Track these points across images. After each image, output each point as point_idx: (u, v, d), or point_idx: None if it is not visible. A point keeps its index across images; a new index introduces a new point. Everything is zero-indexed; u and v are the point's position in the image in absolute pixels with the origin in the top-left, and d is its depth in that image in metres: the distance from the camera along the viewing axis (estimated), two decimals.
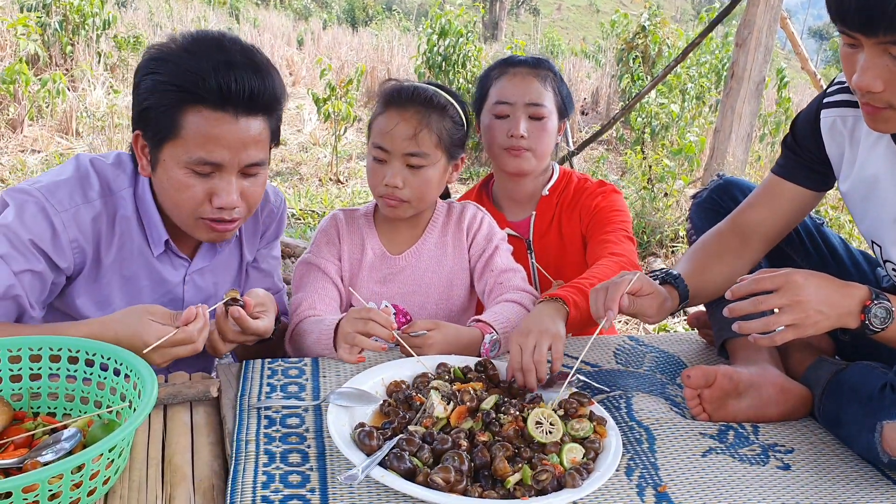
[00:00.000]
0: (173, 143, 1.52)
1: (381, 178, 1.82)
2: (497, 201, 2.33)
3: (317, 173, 7.58)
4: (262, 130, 1.57)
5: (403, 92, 1.82)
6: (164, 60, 1.52)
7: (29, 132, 7.34)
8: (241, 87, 1.49)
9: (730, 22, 10.17)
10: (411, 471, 1.19)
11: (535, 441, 1.29)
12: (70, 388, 1.36)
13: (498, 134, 2.15)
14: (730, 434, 1.49)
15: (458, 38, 8.95)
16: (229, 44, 1.55)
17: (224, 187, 1.56)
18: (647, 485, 1.30)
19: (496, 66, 2.24)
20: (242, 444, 1.32)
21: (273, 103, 1.58)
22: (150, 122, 1.54)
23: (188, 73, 1.49)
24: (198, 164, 1.53)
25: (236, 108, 1.51)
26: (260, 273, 1.96)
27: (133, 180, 1.67)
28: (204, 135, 1.50)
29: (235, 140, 1.53)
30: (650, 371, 1.75)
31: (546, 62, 2.21)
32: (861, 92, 1.29)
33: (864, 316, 1.35)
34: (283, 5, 24.83)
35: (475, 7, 12.99)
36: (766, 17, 5.38)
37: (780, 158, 1.70)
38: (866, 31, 1.21)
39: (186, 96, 1.49)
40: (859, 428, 1.39)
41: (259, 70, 1.54)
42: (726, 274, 1.67)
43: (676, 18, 30.07)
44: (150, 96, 1.52)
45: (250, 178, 1.61)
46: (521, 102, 2.12)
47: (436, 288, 1.96)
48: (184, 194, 1.56)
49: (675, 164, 6.50)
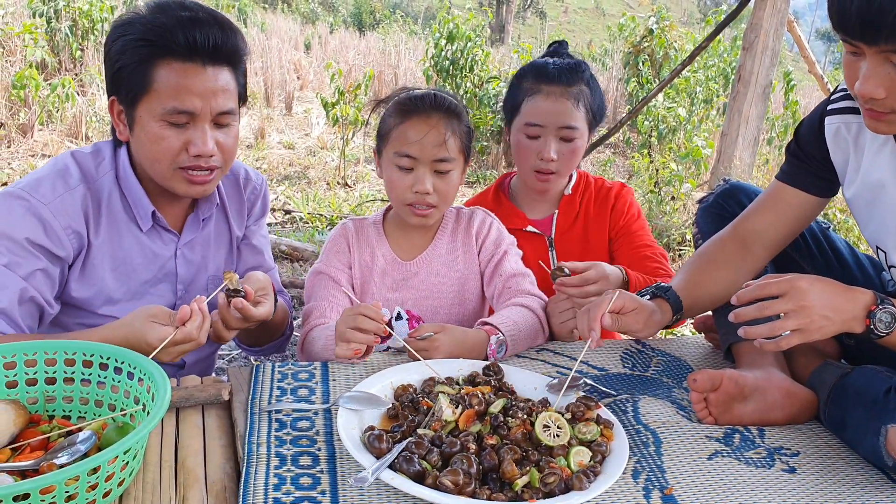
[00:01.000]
0: (147, 98, 1.60)
1: (407, 186, 1.84)
2: (516, 200, 2.35)
3: (325, 177, 7.62)
4: (228, 80, 1.66)
5: (426, 100, 1.85)
6: (132, 23, 1.61)
7: (39, 137, 7.40)
8: (205, 38, 1.59)
9: (738, 25, 10.17)
10: (420, 473, 1.21)
11: (543, 444, 1.31)
12: (85, 391, 1.39)
13: (528, 154, 2.16)
14: (736, 437, 1.50)
15: (467, 43, 8.98)
16: (191, 4, 1.65)
17: (199, 136, 1.63)
18: (654, 487, 1.31)
19: (529, 75, 2.18)
20: (254, 446, 1.34)
21: (236, 54, 1.67)
22: (124, 81, 1.62)
23: (156, 28, 1.58)
24: (172, 113, 1.60)
25: (203, 59, 1.60)
26: (251, 249, 2.01)
27: (113, 163, 1.75)
28: (175, 85, 1.59)
29: (205, 89, 1.61)
30: (656, 374, 1.76)
31: (581, 71, 2.16)
32: (863, 99, 1.30)
33: (870, 321, 1.36)
34: (290, 9, 24.89)
35: (483, 11, 13.00)
36: (773, 20, 5.38)
37: (784, 165, 1.71)
38: (868, 39, 1.23)
39: (156, 50, 1.58)
40: (864, 431, 1.40)
41: (221, 24, 1.64)
42: (726, 282, 1.69)
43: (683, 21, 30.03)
44: (121, 56, 1.61)
45: (223, 130, 1.69)
46: (552, 125, 2.11)
47: (448, 293, 1.98)
48: (161, 145, 1.63)
49: (682, 168, 6.51)
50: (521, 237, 2.18)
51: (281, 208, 6.33)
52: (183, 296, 1.86)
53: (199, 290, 1.86)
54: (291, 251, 4.96)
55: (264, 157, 8.15)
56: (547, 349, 1.85)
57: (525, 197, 2.33)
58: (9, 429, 1.22)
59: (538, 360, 1.78)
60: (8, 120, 7.31)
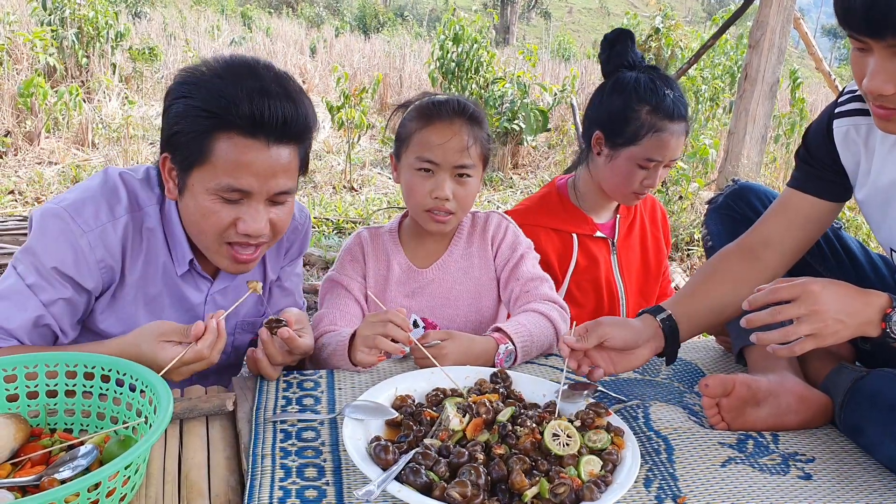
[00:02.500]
0: (201, 169, 1.50)
1: (427, 192, 1.82)
2: (581, 203, 2.33)
3: (331, 181, 7.61)
4: (292, 159, 1.55)
5: (450, 105, 1.84)
6: (196, 85, 1.50)
7: (46, 144, 7.42)
8: (273, 114, 1.47)
9: (743, 23, 10.12)
10: (428, 485, 1.18)
11: (553, 453, 1.28)
12: (86, 404, 1.37)
13: (635, 179, 2.16)
14: (749, 443, 1.47)
15: (472, 45, 8.97)
16: (263, 70, 1.53)
17: (252, 214, 1.54)
18: (667, 496, 1.28)
19: (649, 104, 2.12)
20: (258, 458, 1.32)
21: (304, 132, 1.56)
22: (180, 146, 1.51)
23: (221, 98, 1.46)
24: (226, 190, 1.50)
25: (268, 136, 1.49)
26: (282, 291, 1.94)
27: (161, 197, 1.66)
28: (234, 162, 1.48)
29: (265, 168, 1.50)
30: (668, 380, 1.73)
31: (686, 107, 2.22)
32: (872, 96, 1.28)
33: (885, 324, 1.33)
34: (295, 14, 24.94)
35: (488, 13, 12.99)
36: (779, 17, 5.34)
37: (794, 171, 1.67)
38: (874, 34, 1.20)
39: (218, 122, 1.47)
40: (881, 436, 1.37)
41: (292, 98, 1.51)
42: (729, 297, 1.61)
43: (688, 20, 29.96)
44: (180, 121, 1.50)
45: (278, 207, 1.59)
46: (667, 159, 2.17)
47: (464, 300, 1.96)
48: (209, 220, 1.54)
49: (689, 167, 6.47)
50: (588, 241, 2.26)
51: None
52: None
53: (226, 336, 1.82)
54: None
55: None
56: (556, 354, 1.82)
57: (591, 201, 2.32)
58: (9, 444, 1.20)
59: (546, 366, 1.76)
60: (14, 128, 7.33)
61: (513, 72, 9.19)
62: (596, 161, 2.24)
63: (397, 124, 1.93)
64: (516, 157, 8.89)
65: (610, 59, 2.22)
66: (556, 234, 2.23)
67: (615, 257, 2.32)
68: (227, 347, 1.79)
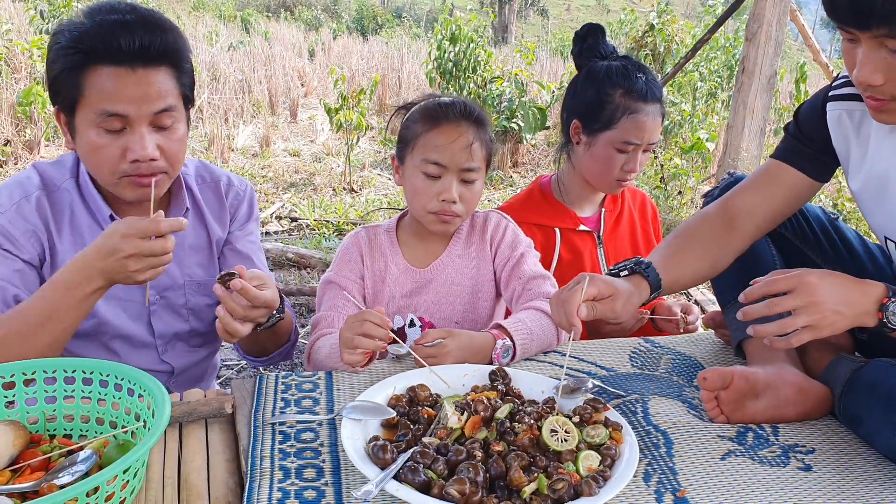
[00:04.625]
0: (81, 106, 1.60)
1: (433, 194, 1.83)
2: (565, 198, 2.35)
3: (330, 183, 7.62)
4: (163, 81, 1.63)
5: (455, 107, 1.84)
6: (62, 31, 1.61)
7: (45, 153, 7.43)
8: (130, 41, 1.57)
9: (741, 16, 10.11)
10: (426, 483, 1.18)
11: (551, 449, 1.28)
12: (85, 409, 1.37)
13: (615, 165, 2.19)
14: (749, 436, 1.47)
15: (469, 44, 8.97)
16: (121, 6, 1.63)
17: (136, 140, 1.61)
18: (666, 490, 1.28)
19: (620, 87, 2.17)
20: (257, 460, 1.32)
21: (169, 54, 1.63)
22: (60, 90, 1.61)
23: (83, 35, 1.57)
24: (104, 117, 1.58)
25: (132, 62, 1.58)
26: (237, 255, 1.94)
27: (75, 171, 1.77)
28: (105, 89, 1.57)
29: (136, 91, 1.59)
30: (666, 374, 1.73)
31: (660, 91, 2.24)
32: (862, 87, 1.28)
33: (882, 314, 1.33)
34: (293, 17, 24.96)
35: (485, 12, 13.00)
36: (776, 10, 5.34)
37: (781, 143, 1.68)
38: (859, 25, 1.21)
39: (83, 58, 1.57)
40: (880, 426, 1.37)
41: (149, 25, 1.61)
42: (709, 259, 1.66)
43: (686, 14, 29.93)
44: (54, 65, 1.61)
45: (164, 133, 1.65)
46: (646, 142, 2.18)
47: (461, 299, 1.96)
48: (99, 154, 1.62)
49: (687, 162, 6.46)
50: (572, 235, 2.26)
51: (287, 216, 6.32)
52: (157, 301, 1.84)
53: (175, 296, 1.85)
54: (298, 258, 4.95)
55: (270, 165, 8.16)
56: (555, 350, 1.82)
57: (574, 195, 2.34)
58: (8, 450, 1.21)
59: (545, 363, 1.75)
60: (14, 137, 7.34)
61: (511, 70, 9.19)
62: (577, 151, 2.27)
63: (399, 126, 1.93)
64: (516, 156, 8.89)
65: (582, 53, 2.28)
66: (538, 229, 2.24)
67: (602, 251, 2.32)
68: (182, 310, 1.87)
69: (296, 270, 4.90)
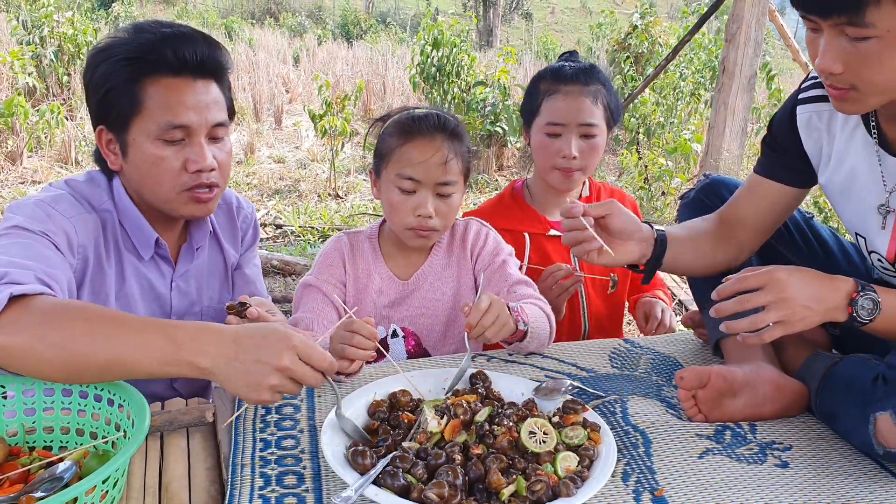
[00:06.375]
0: (139, 119, 1.57)
1: (409, 209, 1.80)
2: (533, 204, 2.35)
3: (315, 189, 7.60)
4: (218, 93, 1.65)
5: (429, 121, 1.81)
6: (112, 47, 1.58)
7: (29, 164, 7.39)
8: (192, 52, 1.57)
9: (722, 17, 10.18)
10: (405, 488, 1.19)
11: (530, 451, 1.29)
12: (65, 420, 1.37)
13: (550, 152, 2.19)
14: (727, 434, 1.48)
15: (452, 49, 8.99)
16: (169, 22, 1.64)
17: (197, 151, 1.60)
18: (644, 489, 1.30)
19: (546, 78, 2.22)
20: (238, 468, 1.32)
21: (221, 69, 1.66)
22: (112, 106, 1.58)
23: (141, 46, 1.56)
24: (167, 129, 1.56)
25: (192, 73, 1.59)
26: (243, 279, 1.96)
27: (110, 193, 1.69)
28: (167, 100, 1.56)
29: (197, 101, 1.59)
30: (645, 374, 1.74)
31: (595, 73, 2.21)
32: (824, 75, 1.30)
33: (852, 308, 1.35)
34: (277, 24, 24.91)
35: (468, 16, 13.00)
36: (755, 10, 5.39)
37: (760, 157, 1.70)
38: (820, 13, 1.24)
39: (143, 67, 1.55)
40: (854, 421, 1.39)
41: (206, 39, 1.62)
42: (706, 259, 1.70)
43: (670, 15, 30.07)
44: (106, 81, 1.57)
45: (218, 144, 1.66)
46: (573, 123, 2.15)
47: (443, 309, 1.95)
48: (160, 167, 1.59)
49: (671, 163, 6.50)
50: (542, 240, 2.25)
51: (272, 223, 6.31)
52: None
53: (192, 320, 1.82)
54: (283, 265, 4.95)
55: (254, 172, 8.14)
56: (535, 353, 1.83)
57: (543, 200, 2.34)
58: None
59: (526, 365, 1.77)
60: None
61: (495, 74, 9.21)
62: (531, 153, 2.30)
63: (376, 138, 1.91)
64: (501, 159, 8.90)
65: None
66: (508, 234, 2.23)
67: (574, 255, 2.31)
68: None
69: (280, 277, 4.89)
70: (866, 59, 1.23)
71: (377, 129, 1.91)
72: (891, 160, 1.44)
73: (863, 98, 1.30)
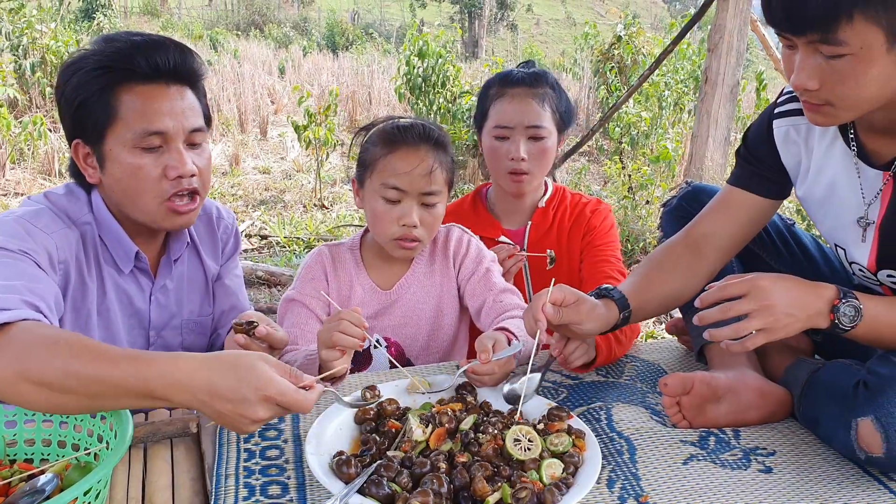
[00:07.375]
0: (114, 128, 1.55)
1: (393, 219, 1.79)
2: (493, 209, 2.35)
3: (301, 199, 7.60)
4: (193, 99, 1.63)
5: (414, 131, 1.81)
6: (84, 58, 1.57)
7: (11, 175, 7.34)
8: (165, 58, 1.56)
9: (706, 27, 10.27)
10: (390, 497, 1.19)
11: (514, 459, 1.29)
12: (47, 432, 1.36)
13: (499, 155, 2.18)
14: (711, 440, 1.49)
15: (437, 59, 9.02)
16: (136, 32, 1.63)
17: (176, 157, 1.58)
18: (629, 496, 1.30)
19: (494, 83, 2.23)
20: (222, 478, 1.31)
21: (195, 75, 1.64)
22: (87, 118, 1.56)
23: (112, 55, 1.54)
24: (143, 136, 1.55)
25: (166, 79, 1.57)
26: (224, 290, 1.92)
27: (89, 205, 1.67)
28: (142, 108, 1.55)
29: (173, 107, 1.57)
30: (630, 381, 1.75)
31: (544, 77, 2.21)
32: (799, 91, 1.31)
33: (834, 315, 1.36)
34: (262, 35, 24.91)
35: (454, 27, 13.06)
36: (736, 20, 5.45)
37: (735, 169, 1.70)
38: (794, 31, 1.25)
39: (116, 76, 1.54)
40: (836, 426, 1.39)
41: (177, 45, 1.61)
42: (676, 286, 1.67)
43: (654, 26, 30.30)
44: (79, 93, 1.55)
45: (196, 151, 1.64)
46: (520, 125, 2.14)
47: (426, 318, 1.95)
48: (139, 176, 1.57)
49: (654, 172, 6.54)
50: (492, 245, 2.19)
51: (257, 233, 6.29)
52: (155, 341, 1.79)
53: (171, 336, 1.81)
54: (269, 276, 4.93)
55: (239, 184, 8.13)
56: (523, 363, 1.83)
57: (501, 206, 2.34)
58: None
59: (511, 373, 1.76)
60: None
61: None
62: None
63: (359, 148, 1.91)
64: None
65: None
66: None
67: (526, 264, 2.28)
68: (178, 349, 1.79)
69: (266, 288, 4.88)
70: (841, 76, 1.25)
71: (361, 138, 1.91)
72: (870, 172, 1.45)
73: (838, 113, 1.32)
